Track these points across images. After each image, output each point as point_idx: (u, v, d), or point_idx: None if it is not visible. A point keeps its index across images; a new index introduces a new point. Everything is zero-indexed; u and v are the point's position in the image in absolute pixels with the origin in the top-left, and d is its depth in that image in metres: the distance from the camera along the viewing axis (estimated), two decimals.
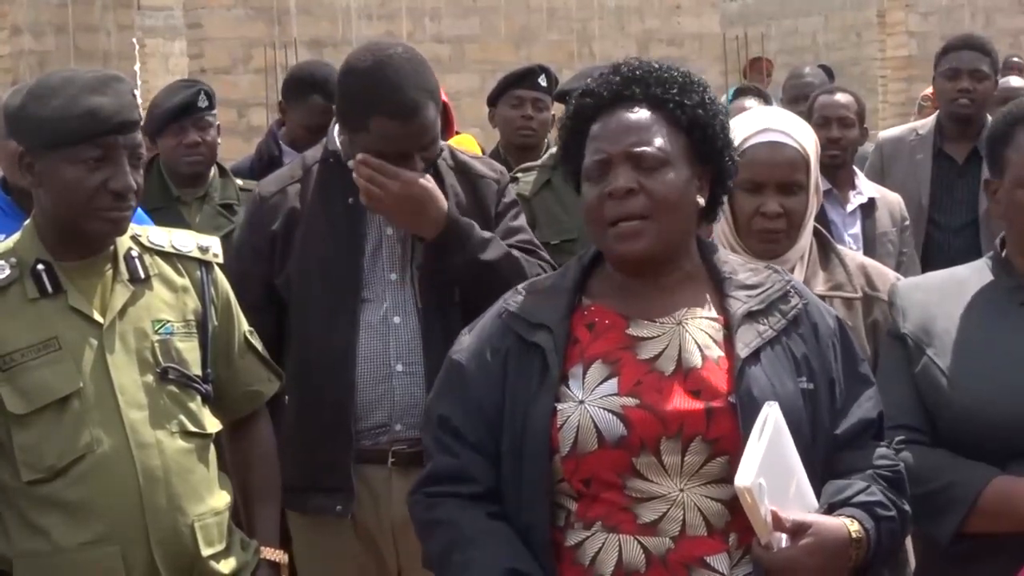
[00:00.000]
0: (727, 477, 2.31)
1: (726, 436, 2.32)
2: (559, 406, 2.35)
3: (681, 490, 2.33)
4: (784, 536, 2.26)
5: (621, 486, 2.33)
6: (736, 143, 3.00)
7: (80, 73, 2.84)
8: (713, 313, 2.44)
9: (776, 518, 2.25)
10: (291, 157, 5.22)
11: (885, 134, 5.93)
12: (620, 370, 2.37)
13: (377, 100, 3.21)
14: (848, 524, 2.32)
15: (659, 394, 2.34)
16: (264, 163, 5.25)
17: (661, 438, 2.32)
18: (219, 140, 5.01)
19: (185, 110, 4.88)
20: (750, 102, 5.77)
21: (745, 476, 2.21)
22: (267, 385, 3.13)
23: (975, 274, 2.78)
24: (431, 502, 2.43)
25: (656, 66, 2.48)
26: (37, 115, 2.78)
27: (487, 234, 3.34)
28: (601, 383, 2.36)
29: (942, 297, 2.75)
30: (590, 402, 2.35)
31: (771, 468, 2.24)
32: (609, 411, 2.33)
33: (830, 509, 2.35)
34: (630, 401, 2.33)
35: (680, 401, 2.34)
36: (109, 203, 2.77)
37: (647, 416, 2.32)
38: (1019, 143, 2.68)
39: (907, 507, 2.44)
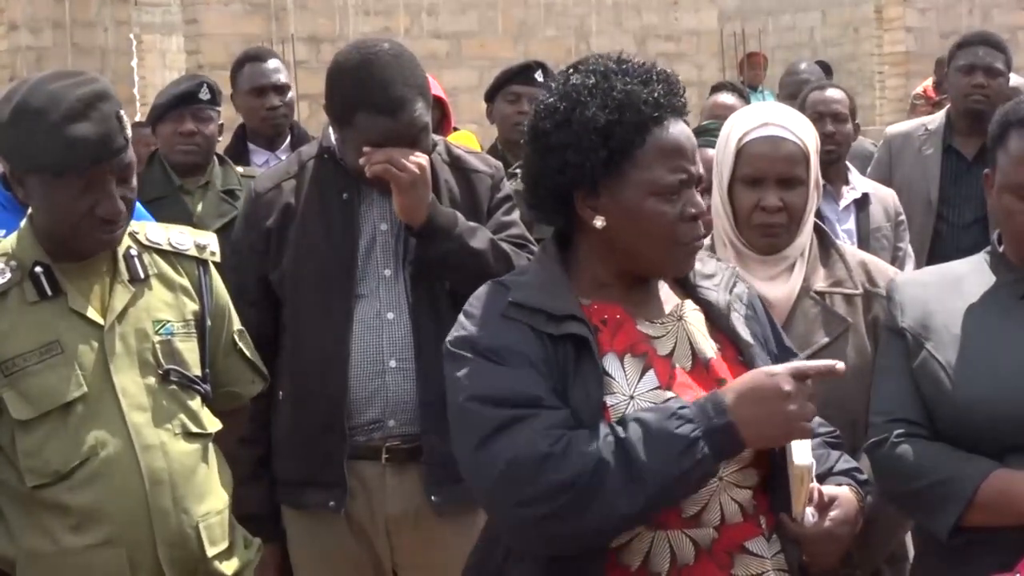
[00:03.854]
0: (752, 462, 2.36)
1: None
2: (608, 400, 2.31)
3: (720, 479, 2.33)
4: (811, 510, 2.34)
5: None
6: (736, 137, 3.02)
7: (66, 91, 2.73)
8: (693, 304, 2.47)
9: (819, 494, 2.35)
10: (259, 155, 5.30)
11: (893, 129, 5.90)
12: (652, 364, 2.36)
13: (363, 96, 3.22)
14: (853, 492, 2.45)
15: (693, 389, 2.35)
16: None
17: None
18: (219, 137, 5.04)
19: (185, 99, 4.91)
20: (725, 97, 5.77)
21: (804, 456, 2.28)
22: (248, 387, 3.12)
23: (973, 268, 2.79)
24: (556, 435, 2.21)
25: (672, 73, 2.47)
26: (20, 140, 2.73)
27: (472, 224, 3.34)
28: (642, 377, 2.35)
29: (940, 291, 2.76)
30: (640, 397, 2.33)
31: None
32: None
33: (818, 479, 2.41)
34: (672, 396, 2.33)
35: None
36: (97, 228, 2.75)
37: None
38: (1009, 148, 2.69)
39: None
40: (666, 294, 2.47)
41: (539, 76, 5.54)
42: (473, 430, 2.28)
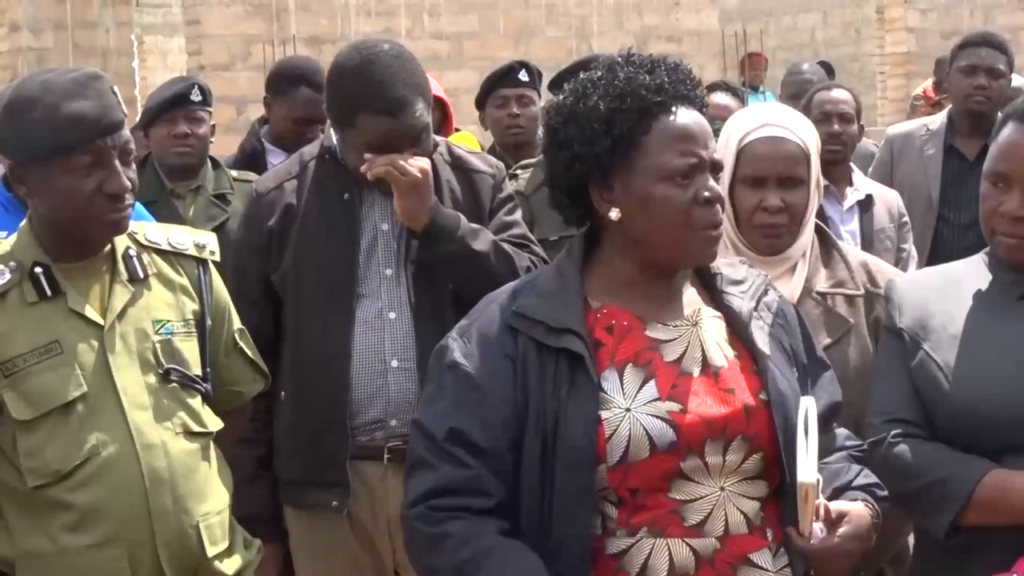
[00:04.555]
0: (761, 474, 2.34)
1: (761, 433, 2.34)
2: (604, 415, 2.29)
3: (722, 489, 2.32)
4: (820, 525, 2.31)
5: (666, 489, 2.31)
6: (737, 138, 3.01)
7: (57, 77, 2.77)
8: (714, 311, 2.44)
9: (827, 510, 2.31)
10: (275, 155, 5.25)
11: (894, 129, 5.90)
12: (655, 373, 2.34)
13: (364, 97, 3.22)
14: (867, 508, 2.40)
15: (698, 397, 2.33)
16: (247, 161, 5.26)
17: (707, 440, 2.31)
18: (212, 139, 5.02)
19: (177, 102, 4.90)
20: (720, 96, 5.76)
21: (809, 473, 2.26)
22: (250, 386, 3.12)
23: (972, 269, 2.78)
24: (437, 516, 2.29)
25: (679, 61, 2.45)
26: (20, 129, 2.73)
27: (475, 226, 3.34)
28: (641, 389, 2.33)
29: (939, 292, 2.75)
30: (636, 409, 2.31)
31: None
32: (658, 418, 2.30)
33: (835, 493, 2.40)
34: (674, 406, 2.31)
35: (720, 402, 2.33)
36: (107, 206, 2.74)
37: (694, 420, 2.31)
38: (998, 138, 2.72)
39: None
40: (691, 298, 2.44)
41: (523, 75, 5.53)
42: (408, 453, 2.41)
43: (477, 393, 2.32)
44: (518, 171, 4.74)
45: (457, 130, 5.99)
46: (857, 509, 2.37)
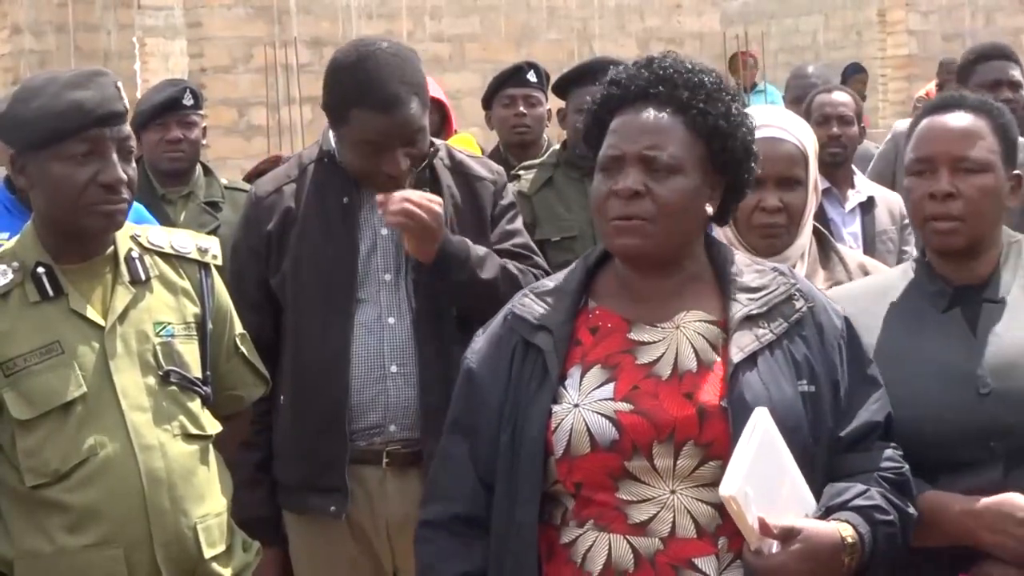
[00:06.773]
0: (719, 481, 2.29)
1: (718, 441, 2.31)
2: (555, 408, 2.36)
3: (672, 492, 2.32)
4: (774, 542, 2.26)
5: (613, 488, 2.33)
6: None
7: (63, 72, 2.83)
8: (713, 316, 2.42)
9: (764, 525, 2.24)
10: None
11: (901, 125, 5.90)
12: (618, 375, 2.37)
13: (358, 92, 3.22)
14: (841, 529, 2.31)
15: (654, 399, 2.34)
16: None
17: (653, 442, 2.32)
18: (204, 141, 5.03)
19: (169, 106, 4.91)
20: None
21: (730, 485, 2.22)
22: (251, 390, 3.13)
23: (900, 278, 2.75)
24: (421, 535, 2.54)
25: (688, 67, 2.43)
26: (22, 116, 2.78)
27: (482, 251, 3.32)
28: (597, 387, 2.37)
29: (868, 305, 2.69)
30: (584, 406, 2.35)
31: (760, 474, 2.24)
32: (602, 415, 2.34)
33: (827, 512, 2.34)
34: (624, 406, 2.33)
35: (673, 406, 2.33)
36: (100, 197, 2.76)
37: (640, 421, 2.32)
38: (915, 132, 2.72)
39: (912, 510, 2.43)
40: (692, 300, 2.43)
41: (531, 76, 5.52)
42: None
43: (473, 386, 2.48)
44: (520, 171, 4.75)
45: (456, 132, 5.98)
46: (818, 527, 2.30)
